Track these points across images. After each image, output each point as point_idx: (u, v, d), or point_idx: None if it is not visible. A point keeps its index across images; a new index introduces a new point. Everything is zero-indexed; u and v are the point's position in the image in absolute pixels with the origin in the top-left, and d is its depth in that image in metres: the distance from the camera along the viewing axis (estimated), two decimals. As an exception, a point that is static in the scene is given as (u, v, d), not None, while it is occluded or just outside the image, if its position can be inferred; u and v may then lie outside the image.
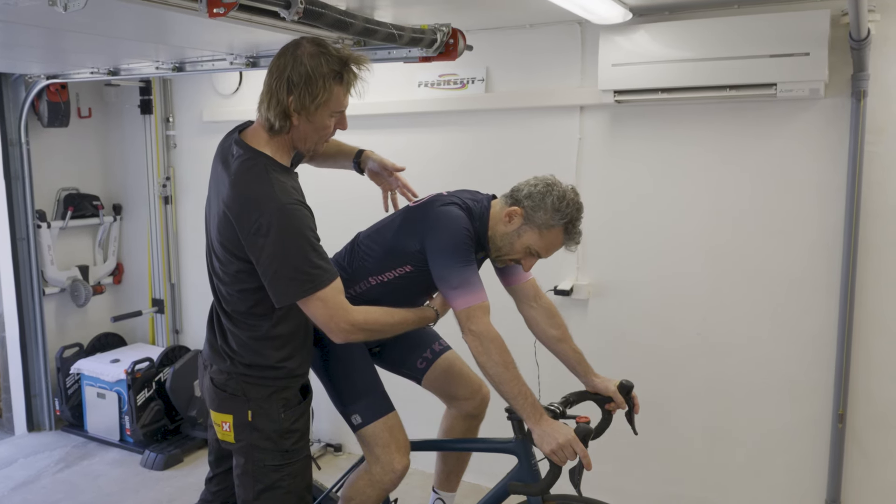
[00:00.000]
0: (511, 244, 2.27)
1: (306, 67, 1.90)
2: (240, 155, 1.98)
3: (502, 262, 2.36)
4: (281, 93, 1.93)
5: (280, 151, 2.02)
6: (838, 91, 2.95)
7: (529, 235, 2.25)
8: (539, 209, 2.22)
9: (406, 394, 2.65)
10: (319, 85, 1.91)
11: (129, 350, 4.83)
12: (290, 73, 1.91)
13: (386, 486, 2.33)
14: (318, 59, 1.91)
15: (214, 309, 2.16)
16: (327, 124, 2.01)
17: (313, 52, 1.92)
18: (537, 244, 2.26)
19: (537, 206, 2.22)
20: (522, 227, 2.25)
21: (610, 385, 2.39)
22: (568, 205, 2.22)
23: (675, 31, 3.07)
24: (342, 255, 2.46)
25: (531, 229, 2.24)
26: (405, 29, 2.69)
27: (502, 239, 2.28)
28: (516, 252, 2.29)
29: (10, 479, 4.04)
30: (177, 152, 4.85)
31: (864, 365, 3.05)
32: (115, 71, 3.94)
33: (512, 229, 2.26)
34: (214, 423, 2.15)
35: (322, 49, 1.93)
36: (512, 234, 2.26)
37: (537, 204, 2.22)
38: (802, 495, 3.20)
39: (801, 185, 3.09)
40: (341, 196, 3.69)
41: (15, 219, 4.57)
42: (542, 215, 2.22)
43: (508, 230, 2.26)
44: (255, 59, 3.45)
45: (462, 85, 3.70)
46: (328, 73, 1.92)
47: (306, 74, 1.90)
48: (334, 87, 1.94)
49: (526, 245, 2.26)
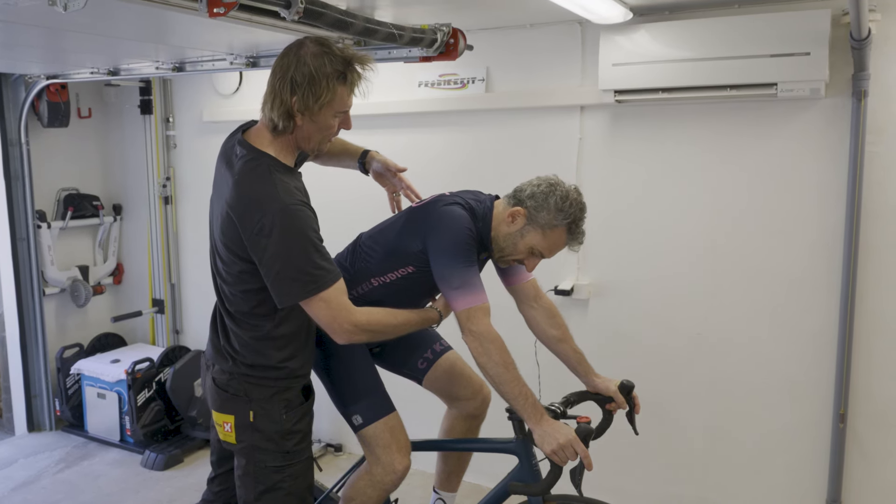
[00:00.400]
0: (514, 245, 2.26)
1: (310, 67, 1.89)
2: (243, 155, 1.97)
3: (505, 262, 2.35)
4: (284, 93, 1.91)
5: (284, 152, 2.01)
6: (839, 91, 2.94)
7: (532, 236, 2.24)
8: (542, 209, 2.21)
9: (407, 394, 2.65)
10: (323, 85, 1.90)
11: (130, 350, 4.83)
12: (293, 73, 1.90)
13: (387, 487, 2.33)
14: (322, 59, 1.90)
15: (218, 309, 2.16)
16: (331, 124, 2.00)
17: (317, 51, 1.91)
18: (540, 244, 2.25)
19: (540, 207, 2.21)
20: (525, 228, 2.24)
21: (611, 385, 2.38)
22: (571, 205, 2.21)
23: (676, 31, 3.06)
24: (344, 256, 2.45)
25: (534, 229, 2.23)
26: (405, 29, 2.69)
27: (505, 239, 2.27)
28: (519, 252, 2.28)
29: (10, 480, 4.04)
30: (177, 152, 4.85)
31: (864, 365, 3.05)
32: (115, 71, 3.94)
33: (515, 230, 2.25)
34: (216, 423, 2.15)
35: (326, 49, 1.92)
36: (515, 235, 2.25)
37: (540, 204, 2.21)
38: (803, 495, 3.20)
39: (801, 185, 3.09)
40: (344, 196, 3.68)
41: (15, 219, 4.56)
42: (546, 215, 2.21)
43: (511, 231, 2.25)
44: (255, 59, 3.45)
45: (462, 85, 3.69)
46: (332, 73, 1.90)
47: (310, 74, 1.89)
48: (338, 87, 1.93)
49: (529, 245, 2.25)
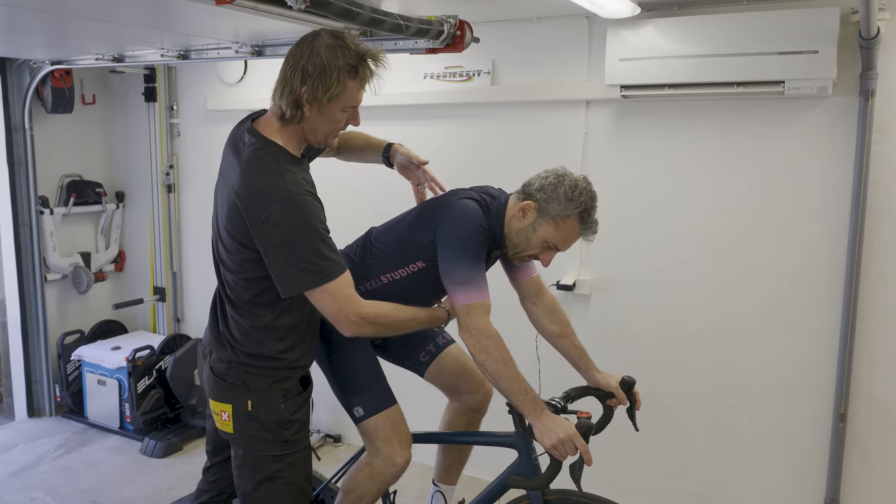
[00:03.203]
0: (528, 239, 2.23)
1: (322, 59, 1.88)
2: (251, 143, 1.97)
3: (520, 259, 2.31)
4: (295, 82, 1.91)
5: (292, 142, 2.00)
6: (846, 89, 2.93)
7: (545, 229, 2.21)
8: (552, 200, 2.18)
9: (408, 386, 2.64)
10: (333, 77, 1.89)
11: (130, 338, 4.83)
12: (305, 62, 1.89)
13: (387, 479, 2.32)
14: (335, 52, 1.89)
15: (218, 295, 2.15)
16: (339, 118, 1.99)
17: (331, 43, 1.90)
18: (554, 237, 2.22)
19: (550, 198, 2.18)
20: (537, 221, 2.21)
21: (611, 381, 2.37)
22: (581, 193, 2.18)
23: (684, 27, 3.05)
24: (353, 250, 2.42)
25: (546, 222, 2.20)
26: (412, 20, 2.68)
27: (518, 235, 2.24)
28: (533, 247, 2.24)
29: (9, 465, 4.05)
30: (180, 141, 4.84)
31: (866, 364, 3.04)
32: (120, 58, 3.93)
33: (527, 224, 2.22)
34: (213, 412, 2.14)
35: (340, 42, 1.91)
36: (527, 229, 2.22)
37: (550, 195, 2.18)
38: (801, 493, 3.20)
39: (806, 183, 3.08)
40: (353, 186, 3.68)
41: (18, 205, 4.56)
42: (556, 206, 2.18)
43: (523, 225, 2.22)
44: (260, 47, 3.43)
45: (468, 77, 3.68)
46: (343, 67, 1.89)
47: (321, 65, 1.88)
48: (348, 80, 1.91)
49: (543, 239, 2.22)
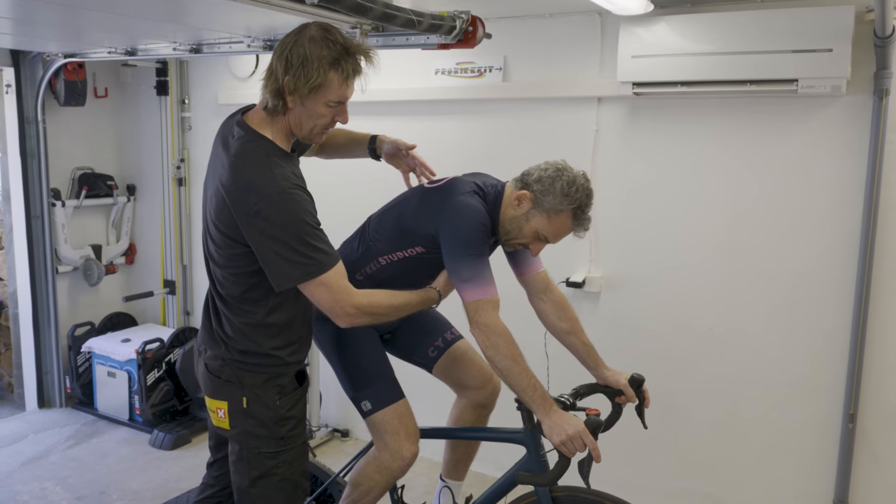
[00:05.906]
0: (519, 228, 2.25)
1: (305, 49, 1.87)
2: (240, 136, 1.95)
3: (511, 245, 2.34)
4: (278, 71, 1.90)
5: (280, 135, 1.98)
6: (860, 88, 2.91)
7: (538, 220, 2.23)
8: (548, 193, 2.19)
9: (416, 381, 2.65)
10: (314, 68, 1.86)
11: (140, 330, 4.86)
12: (289, 52, 1.88)
13: (394, 473, 2.34)
14: (319, 44, 1.87)
15: (210, 293, 2.13)
16: (322, 112, 1.95)
17: (316, 35, 1.89)
18: (545, 229, 2.23)
19: (546, 191, 2.20)
20: (531, 212, 2.23)
21: (621, 378, 2.37)
22: (577, 190, 2.20)
23: (697, 24, 3.04)
24: (352, 238, 2.45)
25: (540, 213, 2.22)
26: (424, 15, 2.68)
27: (511, 222, 2.26)
28: (524, 236, 2.27)
29: (19, 455, 4.08)
30: (192, 134, 4.86)
31: (876, 365, 3.02)
32: (133, 51, 3.95)
33: (521, 213, 2.24)
34: (210, 409, 2.14)
35: (327, 34, 1.89)
36: (521, 218, 2.24)
37: (547, 188, 2.20)
38: (810, 493, 3.19)
39: (818, 183, 3.06)
40: (352, 182, 3.68)
41: (30, 197, 4.59)
42: (552, 200, 2.19)
43: (517, 214, 2.24)
44: (272, 42, 3.42)
45: (479, 73, 3.68)
46: (325, 58, 1.87)
47: (304, 56, 1.86)
48: (330, 72, 1.88)
49: (534, 229, 2.24)
